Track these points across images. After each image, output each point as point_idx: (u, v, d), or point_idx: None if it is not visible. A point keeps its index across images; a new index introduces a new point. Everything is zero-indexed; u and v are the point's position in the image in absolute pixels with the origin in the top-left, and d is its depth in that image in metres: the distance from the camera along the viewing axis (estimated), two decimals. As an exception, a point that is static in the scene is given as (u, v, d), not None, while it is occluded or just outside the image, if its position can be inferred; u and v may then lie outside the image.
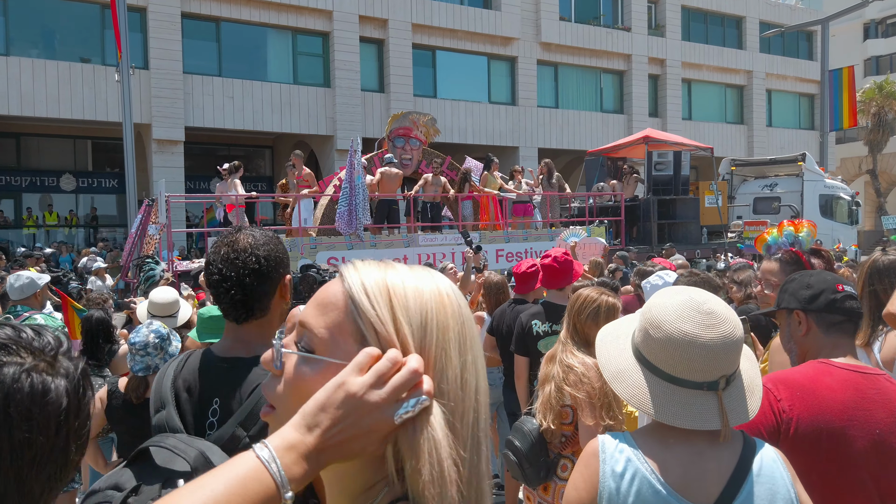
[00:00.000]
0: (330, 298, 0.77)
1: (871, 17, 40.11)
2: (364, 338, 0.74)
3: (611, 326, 1.54)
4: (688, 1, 27.40)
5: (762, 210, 17.09)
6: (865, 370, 1.79)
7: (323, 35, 20.48)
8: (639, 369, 1.38)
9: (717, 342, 1.30)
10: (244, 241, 1.67)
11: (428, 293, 0.77)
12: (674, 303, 1.36)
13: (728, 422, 1.31)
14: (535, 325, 4.05)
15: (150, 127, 17.84)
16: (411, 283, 0.77)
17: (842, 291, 1.84)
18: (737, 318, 1.35)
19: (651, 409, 1.33)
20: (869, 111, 31.06)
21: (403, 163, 12.84)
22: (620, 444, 1.37)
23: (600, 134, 24.67)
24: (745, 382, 1.38)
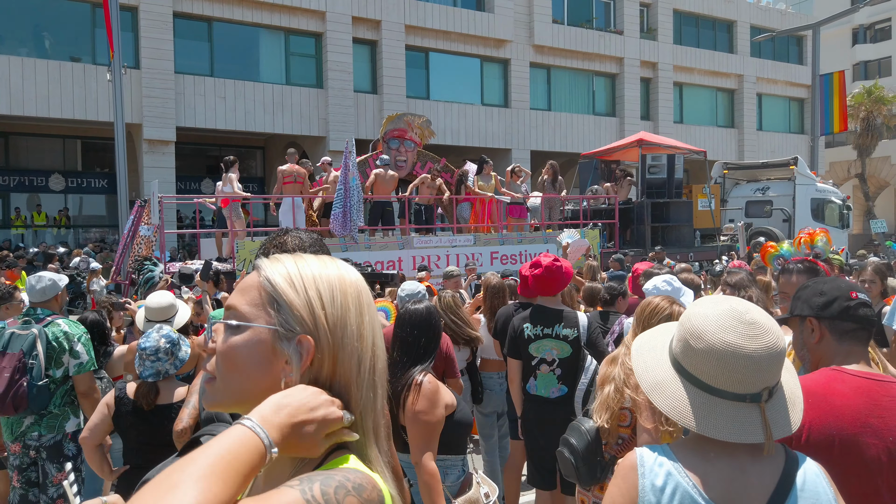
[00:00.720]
0: (249, 283, 0.97)
1: (860, 23, 40.48)
2: (280, 306, 0.93)
3: (646, 336, 1.50)
4: (680, 5, 27.53)
5: (754, 213, 17.17)
6: (879, 377, 1.77)
7: (316, 36, 20.40)
8: (678, 381, 1.34)
9: (761, 353, 1.26)
10: (292, 243, 1.75)
11: (330, 272, 0.98)
12: (715, 312, 1.32)
13: (771, 435, 1.27)
14: (527, 328, 4.04)
15: (140, 127, 17.69)
16: (317, 267, 0.98)
17: (856, 299, 1.82)
18: (779, 328, 1.32)
19: (692, 421, 1.29)
20: (858, 115, 31.30)
21: (398, 164, 12.79)
22: (660, 457, 1.33)
23: (592, 137, 24.74)
24: (787, 394, 1.34)
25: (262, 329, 0.92)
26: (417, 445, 2.69)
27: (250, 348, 0.92)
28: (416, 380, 2.78)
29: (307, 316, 0.93)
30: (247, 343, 0.92)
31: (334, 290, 0.96)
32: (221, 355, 0.93)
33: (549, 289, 4.11)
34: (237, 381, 0.92)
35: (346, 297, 0.96)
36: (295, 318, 0.92)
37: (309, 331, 0.92)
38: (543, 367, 3.99)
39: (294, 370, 0.91)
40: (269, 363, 0.92)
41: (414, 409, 2.71)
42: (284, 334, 0.92)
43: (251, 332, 0.92)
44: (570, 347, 3.96)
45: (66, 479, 3.38)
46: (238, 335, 0.92)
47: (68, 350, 3.85)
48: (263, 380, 0.92)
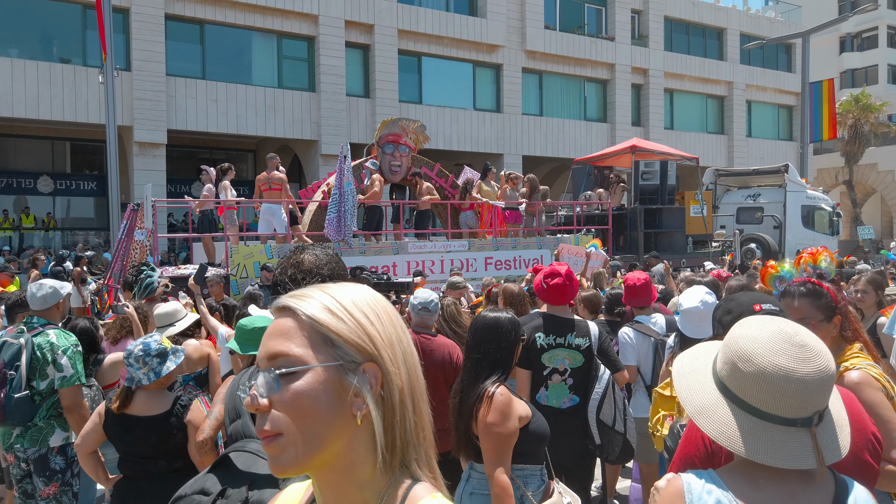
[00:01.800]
0: (286, 326, 0.90)
1: (847, 31, 40.96)
2: (333, 341, 0.88)
3: (686, 357, 1.46)
4: (670, 12, 27.71)
5: (745, 220, 17.27)
6: None
7: (308, 39, 20.35)
8: (725, 404, 1.31)
9: (813, 377, 1.23)
10: (309, 262, 1.73)
11: (363, 293, 0.95)
12: (764, 335, 1.29)
13: (824, 460, 1.24)
14: (539, 337, 4.00)
15: (131, 129, 17.55)
16: (349, 291, 0.94)
17: (759, 311, 1.86)
18: (828, 350, 1.29)
19: (742, 447, 1.26)
20: (846, 123, 31.62)
21: (392, 169, 12.75)
22: (708, 484, 1.30)
23: (584, 142, 24.83)
24: (835, 417, 1.32)
25: (324, 368, 0.87)
26: (490, 458, 2.64)
27: (317, 389, 0.86)
28: (489, 391, 2.72)
29: (363, 341, 0.88)
30: (312, 385, 0.86)
31: (376, 309, 0.92)
32: (286, 406, 0.85)
33: (564, 298, 4.09)
34: (311, 429, 0.85)
35: (388, 314, 0.93)
36: (352, 347, 0.88)
37: (369, 356, 0.88)
38: (555, 376, 3.96)
39: (368, 399, 0.87)
40: (339, 401, 0.87)
41: (486, 422, 2.66)
42: (348, 366, 0.87)
43: (312, 373, 0.86)
44: (582, 357, 3.94)
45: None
46: (299, 381, 0.86)
47: (52, 362, 3.72)
48: (336, 420, 0.86)
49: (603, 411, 3.82)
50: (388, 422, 0.88)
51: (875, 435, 1.78)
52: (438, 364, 4.07)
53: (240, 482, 1.20)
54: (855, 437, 1.72)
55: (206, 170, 10.49)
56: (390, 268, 11.21)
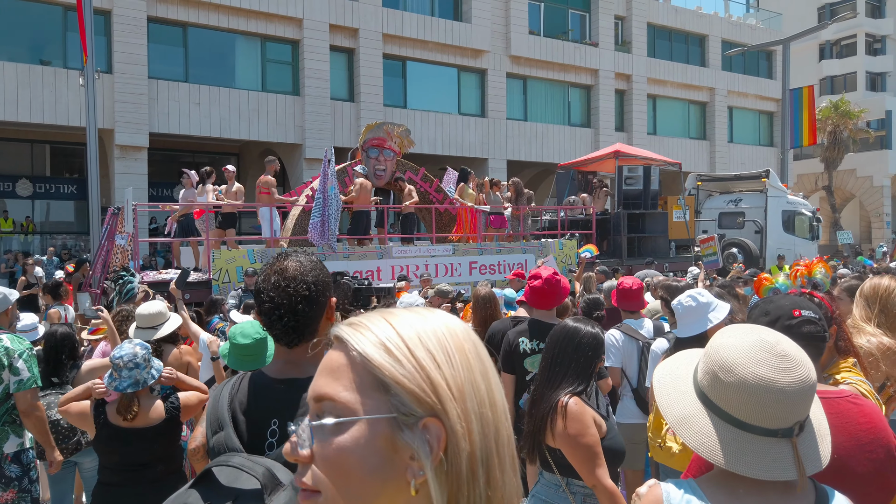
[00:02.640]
0: (336, 362, 0.75)
1: (826, 39, 41.53)
2: (387, 386, 0.72)
3: (667, 366, 1.45)
4: (653, 18, 27.96)
5: (727, 225, 17.43)
6: (826, 394, 1.76)
7: (293, 43, 20.27)
8: (705, 414, 1.29)
9: (794, 387, 1.22)
10: (293, 269, 1.69)
11: (435, 325, 0.76)
12: (745, 344, 1.27)
13: (804, 471, 1.23)
14: (522, 342, 4.00)
15: (112, 132, 17.36)
16: (416, 321, 0.77)
17: (798, 316, 1.84)
18: (809, 360, 1.29)
19: (722, 458, 1.25)
20: (825, 129, 32.04)
21: (377, 174, 12.72)
22: (686, 494, 1.29)
23: (568, 147, 24.95)
24: (815, 427, 1.31)
25: (375, 420, 0.71)
26: (587, 469, 2.57)
27: (363, 448, 0.70)
28: (562, 401, 2.66)
29: (425, 389, 0.71)
30: (358, 442, 0.71)
31: (447, 348, 0.74)
32: (327, 464, 0.71)
33: (546, 302, 4.08)
34: (353, 493, 0.71)
35: (465, 353, 0.75)
36: (410, 396, 0.71)
37: (431, 409, 0.71)
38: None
39: (426, 465, 0.70)
40: (390, 464, 0.71)
41: (567, 434, 2.59)
42: (404, 420, 0.71)
43: (360, 426, 0.71)
44: None
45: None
46: (344, 434, 0.71)
47: (7, 366, 3.64)
48: (384, 486, 0.71)
49: None
50: (451, 495, 0.71)
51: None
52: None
53: (223, 498, 1.16)
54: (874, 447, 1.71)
55: (188, 173, 10.41)
56: (374, 272, 11.18)
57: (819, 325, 1.86)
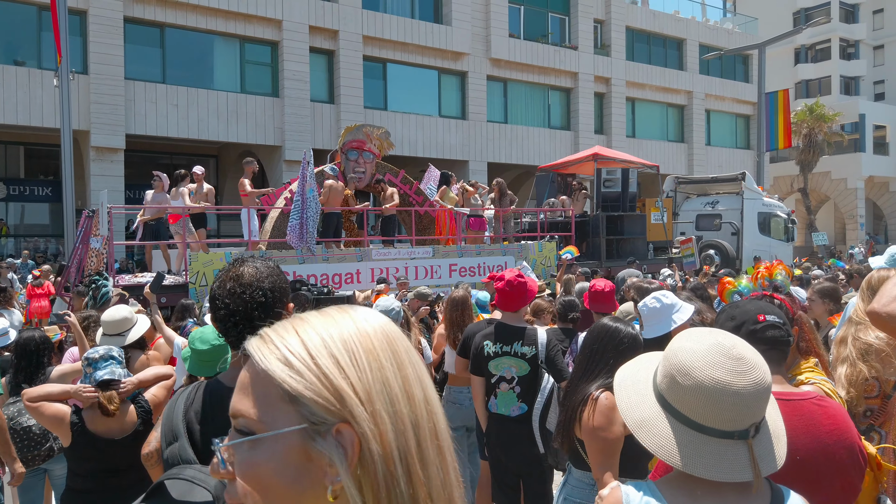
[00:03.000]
0: (248, 377, 0.76)
1: (802, 43, 42.20)
2: (294, 398, 0.71)
3: (628, 369, 1.48)
4: (632, 22, 28.21)
5: (704, 227, 17.62)
6: (790, 396, 1.79)
7: (272, 44, 20.17)
8: (664, 417, 1.31)
9: (749, 389, 1.24)
10: (249, 275, 1.67)
11: (342, 328, 0.76)
12: (702, 348, 1.30)
13: (760, 472, 1.26)
14: (487, 345, 4.03)
15: (88, 134, 17.15)
16: (322, 326, 0.76)
17: (763, 321, 1.86)
18: (765, 362, 1.31)
19: (679, 460, 1.26)
20: (800, 132, 32.53)
21: (357, 176, 12.69)
22: (646, 496, 1.31)
23: (548, 149, 25.07)
24: (771, 428, 1.34)
25: (287, 433, 0.71)
26: (596, 462, 2.60)
27: (278, 462, 0.71)
28: (593, 395, 2.68)
29: (329, 398, 0.70)
30: (272, 457, 0.71)
31: (354, 350, 0.74)
32: (248, 480, 0.72)
33: (511, 304, 4.10)
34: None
35: (374, 352, 0.74)
36: (317, 406, 0.70)
37: (342, 415, 0.70)
38: (503, 385, 3.98)
39: (341, 471, 0.70)
40: (306, 473, 0.71)
41: (591, 425, 2.62)
42: (316, 429, 0.70)
43: (272, 441, 0.71)
44: (528, 365, 3.95)
45: None
46: (257, 450, 0.72)
47: None
48: (304, 496, 0.71)
49: (549, 420, 3.84)
50: (374, 496, 0.70)
51: (860, 447, 1.79)
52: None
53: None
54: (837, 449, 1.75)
55: (160, 176, 10.30)
56: (354, 275, 11.13)
57: (783, 329, 1.90)
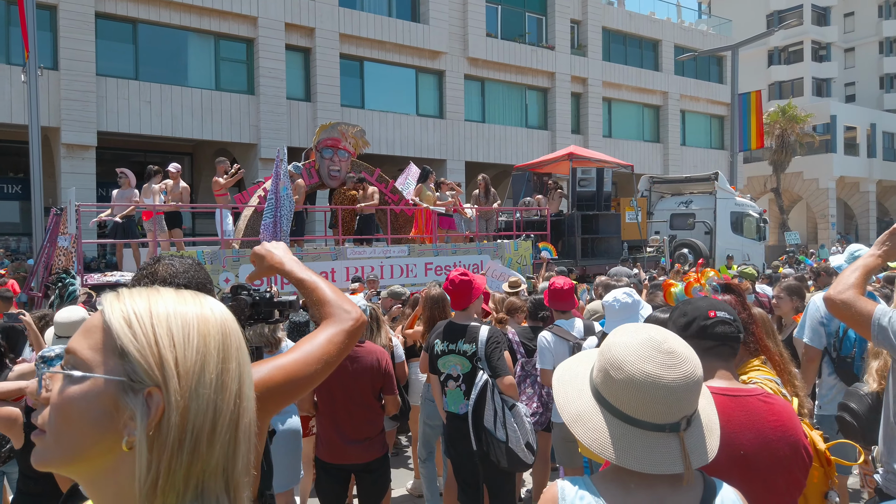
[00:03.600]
0: (92, 323, 0.84)
1: (775, 45, 42.83)
2: (123, 353, 0.80)
3: (568, 364, 1.49)
4: (608, 23, 28.42)
5: (678, 226, 17.81)
6: (736, 392, 1.82)
7: (247, 41, 20.00)
8: (599, 411, 1.33)
9: (679, 382, 1.26)
10: (164, 272, 1.67)
11: (189, 309, 0.84)
12: (634, 342, 1.32)
13: (690, 464, 1.28)
14: (437, 344, 4.06)
15: (58, 131, 16.87)
16: (172, 303, 0.84)
17: (713, 317, 1.89)
18: (696, 356, 1.33)
19: (612, 454, 1.28)
20: (773, 133, 33.02)
21: (331, 174, 12.64)
22: (581, 490, 1.33)
23: (525, 149, 25.17)
24: (704, 421, 1.36)
25: (105, 380, 0.79)
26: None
27: (89, 401, 0.79)
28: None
29: (154, 363, 0.79)
30: (85, 395, 0.79)
31: (190, 332, 0.82)
32: (55, 408, 0.80)
33: (457, 303, 4.15)
34: (70, 438, 0.79)
35: (207, 339, 0.83)
36: (141, 366, 0.79)
37: (157, 381, 0.78)
38: (450, 382, 4.02)
39: (139, 427, 0.77)
40: (109, 419, 0.79)
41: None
42: (130, 385, 0.78)
43: (91, 382, 0.79)
44: (469, 363, 3.99)
45: None
46: (76, 385, 0.79)
47: None
48: (102, 438, 0.79)
49: (485, 417, 3.84)
50: (155, 458, 0.77)
51: (804, 444, 1.82)
52: (366, 371, 4.05)
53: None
54: (781, 445, 1.77)
55: (125, 173, 10.16)
56: (329, 274, 11.08)
57: (733, 325, 1.92)
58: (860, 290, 2.43)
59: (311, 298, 1.62)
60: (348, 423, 3.98)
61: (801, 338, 4.27)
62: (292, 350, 1.46)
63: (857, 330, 2.49)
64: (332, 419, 4.00)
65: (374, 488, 4.15)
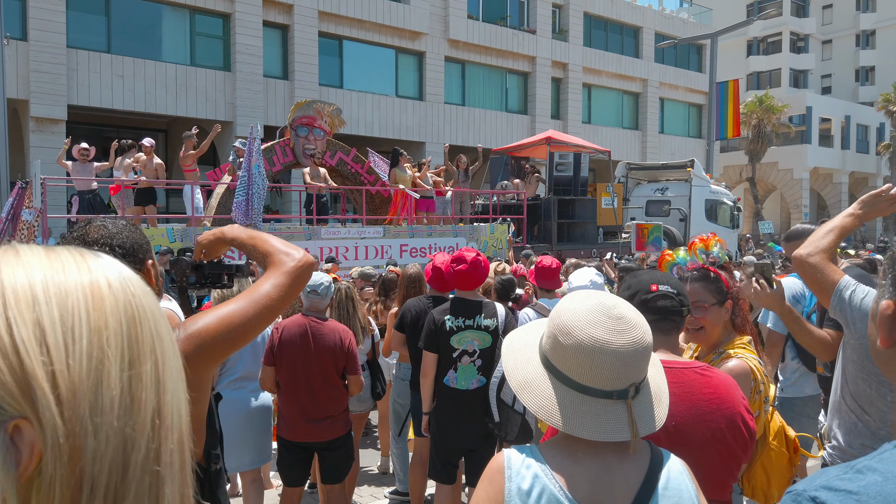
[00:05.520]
0: None
1: (754, 35, 43.13)
2: None
3: (518, 332, 1.47)
4: (590, 8, 28.35)
5: (654, 212, 17.93)
6: (673, 364, 1.81)
7: (224, 16, 19.62)
8: (547, 378, 1.31)
9: (627, 348, 1.25)
10: (95, 233, 1.61)
11: (74, 286, 0.53)
12: (584, 307, 1.30)
13: (637, 432, 1.27)
14: (449, 320, 4.03)
15: (27, 103, 16.45)
16: (50, 277, 0.53)
17: (655, 291, 1.90)
18: (646, 323, 1.32)
19: (560, 420, 1.26)
20: (750, 123, 33.33)
21: (306, 152, 12.50)
22: (527, 458, 1.30)
23: (505, 133, 25.11)
24: (653, 389, 1.34)
25: None
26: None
27: None
28: None
29: (13, 383, 0.48)
30: None
31: (75, 324, 0.52)
32: None
33: (471, 284, 4.15)
34: None
35: (102, 333, 0.53)
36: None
37: (23, 411, 0.49)
38: (465, 358, 4.03)
39: (5, 481, 0.47)
40: None
41: None
42: None
43: None
44: (490, 338, 4.03)
45: None
46: None
47: None
48: None
49: (504, 390, 3.89)
50: None
51: (743, 417, 1.81)
52: (328, 349, 4.03)
53: None
54: (715, 416, 1.78)
55: (86, 149, 9.95)
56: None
57: (675, 299, 1.92)
58: (830, 255, 2.43)
59: (257, 256, 1.59)
60: (310, 402, 3.96)
61: (766, 322, 4.31)
62: (235, 298, 1.42)
63: (818, 295, 2.49)
64: (295, 397, 3.97)
65: (336, 466, 4.14)
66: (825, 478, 0.83)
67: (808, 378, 4.21)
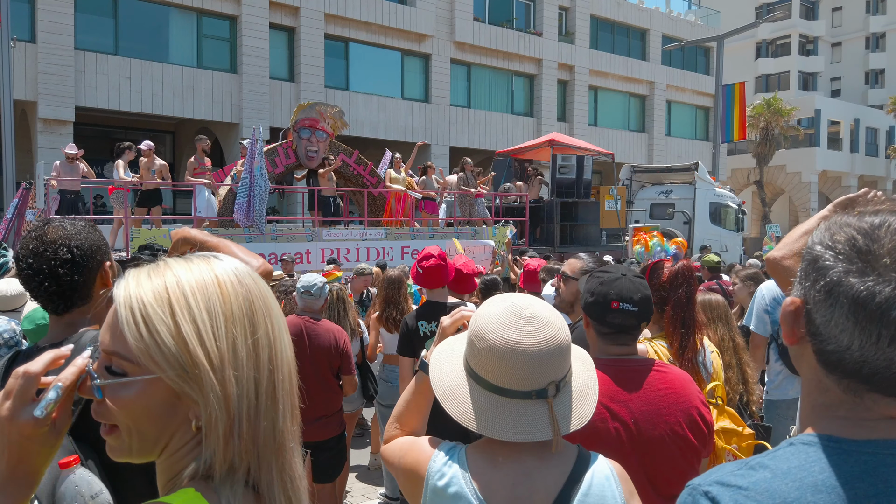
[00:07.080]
0: (113, 318, 0.81)
1: (763, 38, 42.93)
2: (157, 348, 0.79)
3: (448, 342, 1.48)
4: (596, 10, 28.33)
5: (658, 215, 17.88)
6: (628, 363, 1.84)
7: (230, 18, 19.76)
8: (467, 384, 1.32)
9: (538, 347, 1.25)
10: (53, 234, 1.65)
11: (210, 287, 0.82)
12: (497, 310, 1.31)
13: (559, 430, 1.26)
14: (422, 325, 4.03)
15: (35, 105, 16.63)
16: (187, 280, 0.81)
17: (615, 309, 1.85)
18: (562, 321, 1.31)
19: (474, 423, 1.27)
20: (758, 125, 33.15)
21: (308, 155, 12.57)
22: (451, 461, 1.31)
23: (510, 135, 25.12)
24: (578, 387, 1.34)
25: (155, 378, 0.78)
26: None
27: (148, 399, 0.79)
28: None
29: (186, 366, 0.78)
30: (142, 395, 0.79)
31: (215, 315, 0.80)
32: (118, 408, 0.79)
33: (437, 280, 4.13)
34: (142, 433, 0.80)
35: (230, 317, 0.81)
36: (170, 365, 0.78)
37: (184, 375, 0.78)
38: None
39: (202, 413, 0.79)
40: (173, 409, 0.80)
41: None
42: (173, 378, 0.79)
43: (142, 383, 0.78)
44: None
45: None
46: (130, 389, 0.79)
47: None
48: (170, 425, 0.80)
49: None
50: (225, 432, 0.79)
51: (699, 411, 1.83)
52: (323, 349, 4.07)
53: None
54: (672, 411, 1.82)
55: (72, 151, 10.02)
56: (304, 255, 11.05)
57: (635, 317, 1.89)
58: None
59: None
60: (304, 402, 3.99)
61: (749, 325, 4.33)
62: None
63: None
64: (286, 396, 4.01)
65: (329, 466, 4.18)
66: (720, 473, 0.87)
67: (792, 380, 4.22)
